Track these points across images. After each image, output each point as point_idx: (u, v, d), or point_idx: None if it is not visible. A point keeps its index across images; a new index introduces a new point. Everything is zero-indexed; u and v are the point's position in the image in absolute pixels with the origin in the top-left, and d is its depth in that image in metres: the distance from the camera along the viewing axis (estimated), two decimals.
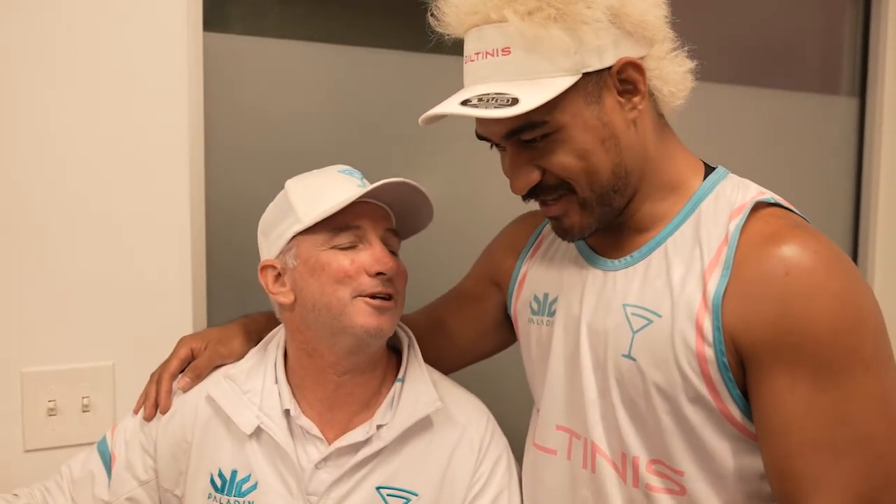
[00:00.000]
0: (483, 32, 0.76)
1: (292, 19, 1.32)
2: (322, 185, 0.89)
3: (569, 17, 0.72)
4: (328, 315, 0.85)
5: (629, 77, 0.77)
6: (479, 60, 0.77)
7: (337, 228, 0.85)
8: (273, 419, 0.87)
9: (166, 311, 1.17)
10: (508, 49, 0.74)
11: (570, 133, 0.76)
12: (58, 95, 1.10)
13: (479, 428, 0.92)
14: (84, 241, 1.13)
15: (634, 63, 0.76)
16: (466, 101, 0.74)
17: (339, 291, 0.84)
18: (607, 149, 0.77)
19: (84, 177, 1.12)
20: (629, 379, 0.78)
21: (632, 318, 0.79)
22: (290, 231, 0.87)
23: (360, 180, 0.90)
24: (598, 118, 0.76)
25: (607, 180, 0.78)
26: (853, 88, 1.83)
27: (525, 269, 0.97)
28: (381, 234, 0.88)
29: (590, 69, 0.75)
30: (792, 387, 0.69)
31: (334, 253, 0.85)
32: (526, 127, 0.76)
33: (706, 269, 0.75)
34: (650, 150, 0.81)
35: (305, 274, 0.86)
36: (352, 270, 0.84)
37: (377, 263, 0.85)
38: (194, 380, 0.92)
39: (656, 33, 0.78)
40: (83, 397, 1.13)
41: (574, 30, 0.73)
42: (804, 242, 0.71)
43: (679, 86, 0.81)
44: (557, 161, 0.77)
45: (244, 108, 1.27)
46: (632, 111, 0.78)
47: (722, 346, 0.72)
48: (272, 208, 0.92)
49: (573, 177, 0.78)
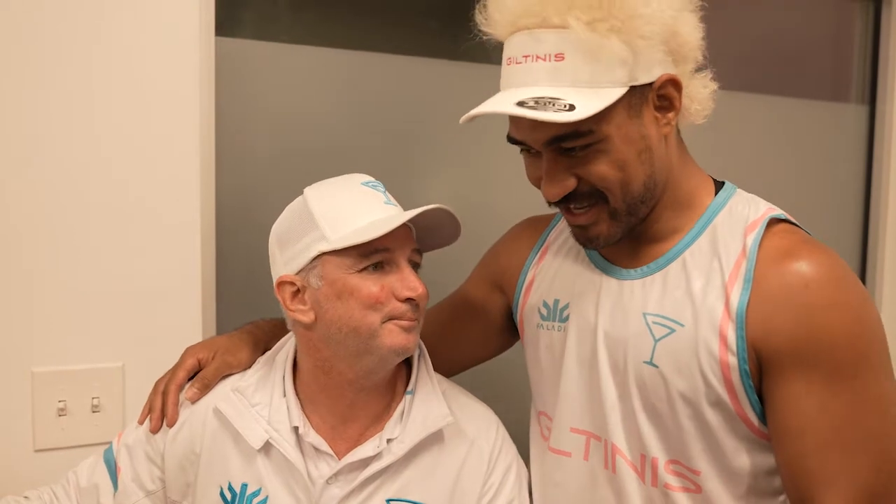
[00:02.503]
0: (537, 36, 0.76)
1: (303, 24, 1.32)
2: (349, 201, 0.86)
3: (629, 30, 0.74)
4: (356, 338, 0.84)
5: (668, 94, 0.79)
6: (527, 63, 0.76)
7: (366, 252, 0.82)
8: (282, 434, 0.86)
9: (176, 312, 1.17)
10: (562, 55, 0.74)
11: (613, 144, 0.77)
12: (70, 98, 1.11)
13: (488, 438, 0.92)
14: (95, 243, 1.13)
15: (675, 80, 0.78)
16: (522, 103, 0.74)
17: (370, 317, 0.83)
18: (643, 161, 0.79)
19: (96, 179, 1.13)
20: (651, 384, 0.81)
21: (653, 327, 0.81)
22: (313, 249, 0.84)
23: (385, 194, 0.88)
24: (637, 131, 0.78)
25: (639, 191, 0.80)
26: (863, 96, 1.83)
27: (532, 274, 0.97)
28: (407, 256, 0.86)
29: (637, 83, 0.76)
30: (808, 391, 0.74)
31: (363, 277, 0.83)
32: (571, 135, 0.76)
33: (727, 282, 0.78)
34: (673, 164, 0.84)
35: (332, 297, 0.83)
36: (382, 297, 0.83)
37: (407, 290, 0.83)
38: (202, 390, 0.91)
39: (694, 54, 0.80)
40: (93, 398, 1.14)
41: (631, 43, 0.74)
42: (818, 258, 0.76)
43: (704, 104, 0.83)
44: (596, 171, 0.78)
45: (255, 113, 1.27)
46: (666, 126, 0.80)
47: (745, 354, 0.76)
48: (290, 218, 0.87)
49: (609, 186, 0.79)
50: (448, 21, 1.38)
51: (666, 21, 0.75)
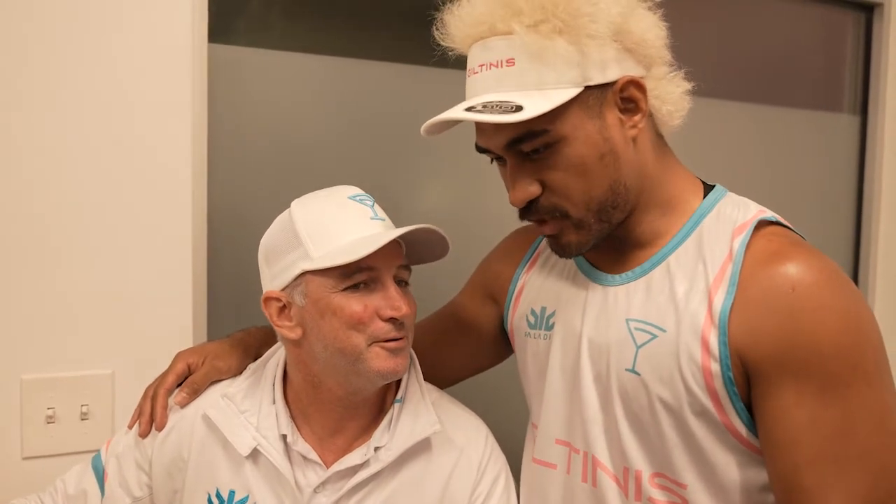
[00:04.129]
0: (488, 44, 0.76)
1: (298, 32, 1.32)
2: (333, 217, 0.84)
3: (573, 30, 0.73)
4: (342, 358, 0.83)
5: (631, 95, 0.77)
6: (483, 72, 0.77)
7: (349, 272, 0.81)
8: (270, 442, 0.86)
9: (167, 319, 1.17)
10: (513, 60, 0.75)
11: (571, 145, 0.76)
12: (61, 105, 1.10)
13: (477, 448, 0.91)
14: (85, 249, 1.13)
15: (636, 82, 0.77)
16: (471, 108, 0.75)
17: (354, 338, 0.82)
18: (606, 164, 0.77)
19: (86, 185, 1.12)
20: (633, 393, 0.79)
21: (635, 333, 0.79)
22: (297, 267, 0.83)
23: (373, 209, 0.86)
24: (598, 132, 0.77)
25: (605, 196, 0.79)
26: (855, 106, 1.84)
27: (522, 282, 0.97)
28: (393, 273, 0.85)
29: (592, 83, 0.75)
30: (798, 401, 0.70)
31: (346, 297, 0.82)
32: (527, 136, 0.76)
33: (711, 286, 0.76)
34: (649, 168, 0.82)
35: (315, 315, 0.83)
36: (365, 316, 0.81)
37: (390, 309, 0.82)
38: (191, 395, 0.91)
39: (655, 53, 0.79)
40: (82, 405, 1.13)
41: (578, 43, 0.74)
42: (807, 260, 0.73)
43: (677, 105, 0.82)
44: (557, 175, 0.77)
45: (248, 120, 1.26)
46: (632, 129, 0.79)
47: (728, 360, 0.73)
48: (276, 234, 0.86)
49: (570, 195, 0.78)
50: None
51: (613, 19, 0.74)
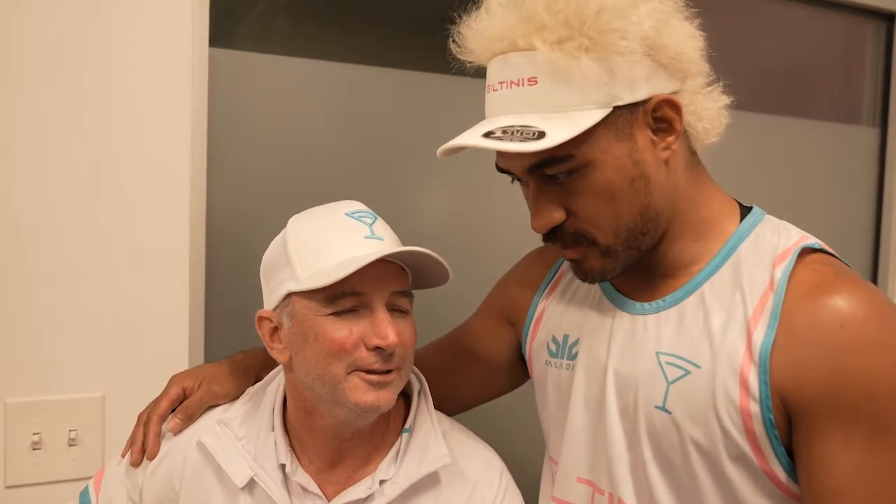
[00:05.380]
0: (508, 60, 0.72)
1: (301, 37, 1.31)
2: (323, 235, 0.80)
3: (601, 47, 0.68)
4: (322, 388, 0.79)
5: (665, 115, 0.73)
6: (503, 90, 0.73)
7: (333, 296, 0.76)
8: (268, 472, 0.82)
9: (161, 339, 1.14)
10: (535, 79, 0.70)
11: (599, 169, 0.72)
12: (55, 110, 1.08)
13: (491, 484, 0.87)
14: (75, 264, 1.10)
15: (671, 101, 0.72)
16: (489, 133, 0.71)
17: (333, 366, 0.77)
18: (636, 189, 0.73)
19: (77, 196, 1.09)
20: (663, 433, 0.75)
21: (666, 368, 0.75)
22: (283, 287, 0.80)
23: (371, 227, 0.81)
24: (628, 155, 0.72)
25: (635, 223, 0.75)
26: (874, 118, 1.85)
27: (542, 307, 0.92)
28: (386, 300, 0.79)
29: (621, 102, 0.71)
30: (845, 447, 0.66)
31: (331, 322, 0.77)
32: (550, 161, 0.72)
33: (750, 319, 0.71)
34: (681, 190, 0.77)
35: (300, 338, 0.79)
36: (348, 344, 0.76)
37: (376, 337, 0.76)
38: (185, 421, 0.87)
39: (692, 66, 0.74)
40: (70, 430, 1.10)
41: (607, 61, 0.69)
42: (857, 293, 0.69)
43: (714, 122, 0.77)
44: (584, 201, 0.73)
45: (250, 127, 1.25)
46: (665, 150, 0.74)
47: (769, 402, 0.69)
48: (272, 250, 0.84)
49: (598, 222, 0.74)
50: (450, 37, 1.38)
51: (645, 34, 0.69)
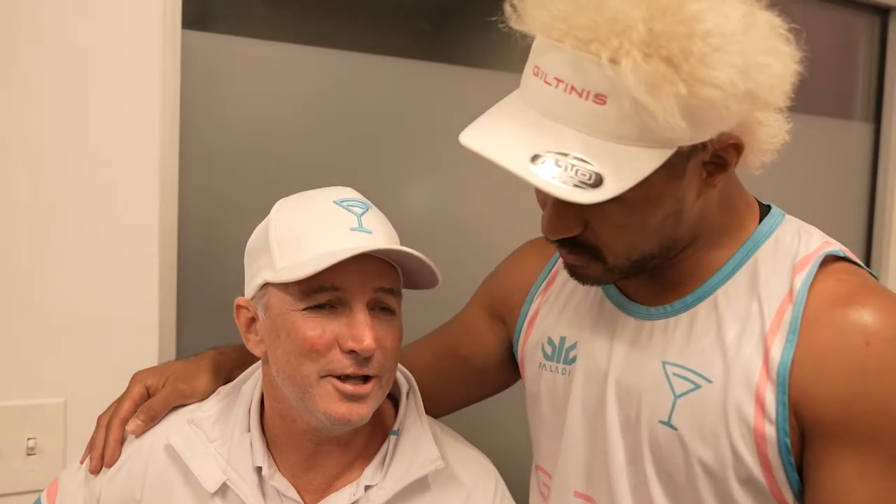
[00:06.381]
0: (579, 63, 0.61)
1: (281, 19, 1.27)
2: (306, 223, 0.75)
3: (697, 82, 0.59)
4: (292, 389, 0.74)
5: (726, 156, 0.67)
6: (559, 90, 0.62)
7: (309, 290, 0.72)
8: (242, 476, 0.78)
9: (128, 341, 1.09)
10: (604, 99, 0.60)
11: (636, 204, 0.65)
12: (14, 97, 1.02)
13: (486, 491, 0.83)
14: (34, 260, 1.05)
15: (738, 145, 0.66)
16: (537, 157, 0.62)
17: (304, 367, 0.72)
18: (666, 224, 0.69)
19: (34, 184, 1.04)
20: (667, 449, 0.71)
21: (674, 380, 0.71)
22: (260, 276, 0.76)
23: (360, 218, 0.76)
24: (672, 193, 0.66)
25: (651, 251, 0.71)
26: (868, 114, 1.86)
27: (536, 306, 0.88)
28: (368, 298, 0.74)
29: (687, 143, 0.63)
30: (861, 473, 0.64)
31: (304, 318, 0.72)
32: None
33: (768, 332, 0.68)
34: (709, 211, 0.72)
35: (272, 333, 0.75)
36: (320, 344, 0.72)
37: (351, 340, 0.71)
38: (148, 422, 0.82)
39: (779, 100, 0.66)
40: (28, 439, 1.05)
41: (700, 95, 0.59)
42: (885, 308, 0.65)
43: (766, 153, 0.70)
44: (609, 226, 0.68)
45: (225, 115, 1.21)
46: (710, 187, 0.69)
47: (786, 424, 0.65)
48: (256, 235, 0.80)
49: (614, 245, 0.69)
50: (440, 23, 1.36)
51: (757, 63, 0.60)
